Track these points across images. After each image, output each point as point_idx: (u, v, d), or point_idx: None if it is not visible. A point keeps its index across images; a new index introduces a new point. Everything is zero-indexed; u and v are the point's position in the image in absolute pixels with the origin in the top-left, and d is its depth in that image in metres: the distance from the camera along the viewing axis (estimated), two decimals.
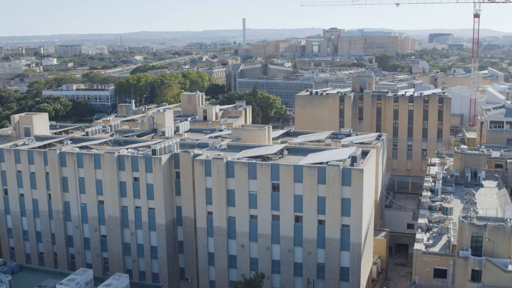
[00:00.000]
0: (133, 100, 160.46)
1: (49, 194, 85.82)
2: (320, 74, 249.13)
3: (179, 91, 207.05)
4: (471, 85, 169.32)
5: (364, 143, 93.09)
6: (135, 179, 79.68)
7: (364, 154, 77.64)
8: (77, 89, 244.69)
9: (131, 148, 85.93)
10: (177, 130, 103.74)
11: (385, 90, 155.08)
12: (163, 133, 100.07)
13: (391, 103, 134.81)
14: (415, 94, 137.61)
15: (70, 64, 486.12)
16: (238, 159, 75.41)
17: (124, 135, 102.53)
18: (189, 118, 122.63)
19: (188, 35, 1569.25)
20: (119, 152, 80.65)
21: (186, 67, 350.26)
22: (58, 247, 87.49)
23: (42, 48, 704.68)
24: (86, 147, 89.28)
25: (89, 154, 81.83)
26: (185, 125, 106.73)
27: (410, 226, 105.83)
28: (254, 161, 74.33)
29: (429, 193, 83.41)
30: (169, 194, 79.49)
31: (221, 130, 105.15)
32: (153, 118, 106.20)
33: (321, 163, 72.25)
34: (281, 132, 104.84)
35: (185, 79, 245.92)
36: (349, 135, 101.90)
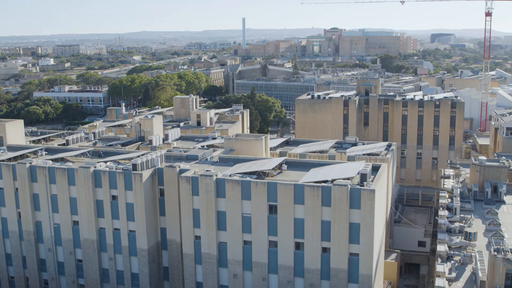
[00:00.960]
0: (124, 103, 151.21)
1: (19, 213, 76.49)
2: (321, 75, 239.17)
3: (174, 93, 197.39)
4: (481, 87, 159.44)
5: (373, 154, 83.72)
6: (114, 197, 70.20)
7: (374, 169, 68.07)
8: (69, 91, 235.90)
9: (111, 161, 76.50)
10: (166, 138, 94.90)
11: (392, 94, 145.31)
12: (150, 141, 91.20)
13: (399, 108, 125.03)
14: (425, 98, 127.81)
15: (67, 64, 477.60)
16: (230, 175, 65.89)
17: (108, 144, 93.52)
18: (181, 124, 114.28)
19: (188, 35, 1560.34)
20: (95, 167, 71.07)
21: (184, 67, 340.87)
22: (30, 271, 78.07)
23: (40, 48, 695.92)
24: (62, 159, 79.82)
25: (62, 169, 72.29)
26: (175, 133, 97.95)
27: (421, 243, 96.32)
28: (248, 178, 64.82)
29: (446, 212, 73.79)
30: (152, 215, 70.01)
31: (214, 138, 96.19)
32: (140, 124, 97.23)
33: (325, 181, 62.70)
34: (280, 141, 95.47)
35: (181, 81, 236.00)
36: (355, 144, 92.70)
